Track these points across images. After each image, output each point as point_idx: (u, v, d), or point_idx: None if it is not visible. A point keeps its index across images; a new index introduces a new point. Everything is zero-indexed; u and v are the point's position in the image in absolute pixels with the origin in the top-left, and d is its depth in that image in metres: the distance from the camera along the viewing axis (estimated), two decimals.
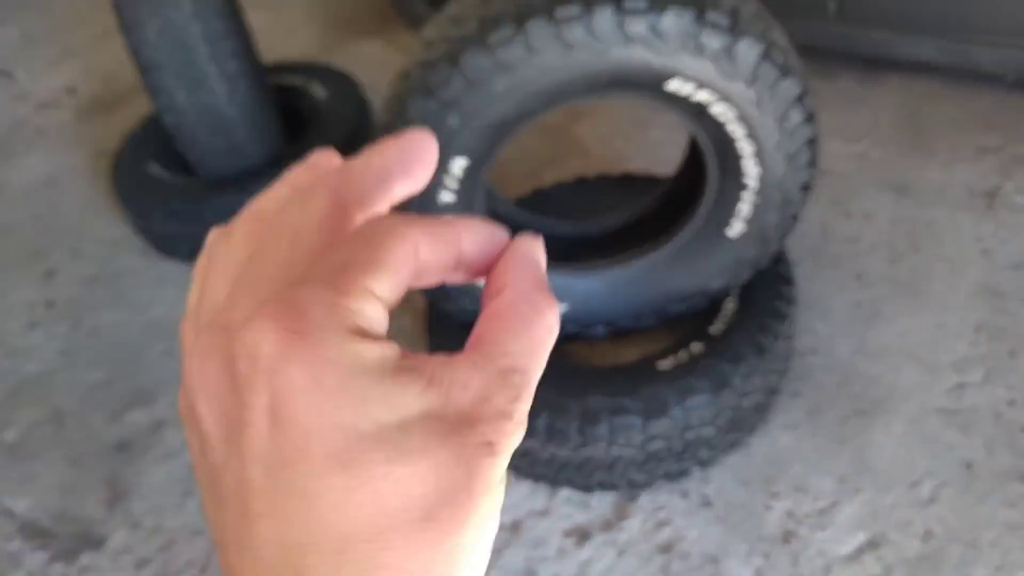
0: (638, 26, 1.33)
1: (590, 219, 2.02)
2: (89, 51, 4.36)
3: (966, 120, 2.59)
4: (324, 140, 2.65)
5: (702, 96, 1.44)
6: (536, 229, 1.71)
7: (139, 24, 2.10)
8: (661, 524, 1.75)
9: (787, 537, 1.68)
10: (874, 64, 2.81)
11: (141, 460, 2.06)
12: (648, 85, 1.43)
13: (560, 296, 1.84)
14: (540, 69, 1.38)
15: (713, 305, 1.86)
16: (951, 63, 2.34)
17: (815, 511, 1.71)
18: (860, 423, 1.85)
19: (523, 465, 1.81)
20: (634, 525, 1.76)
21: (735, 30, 1.36)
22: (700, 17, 1.34)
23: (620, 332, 1.94)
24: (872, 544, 1.64)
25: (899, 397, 1.88)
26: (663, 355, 1.78)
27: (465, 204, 1.62)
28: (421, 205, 1.58)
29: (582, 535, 1.76)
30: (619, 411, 1.65)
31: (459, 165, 1.53)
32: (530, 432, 1.68)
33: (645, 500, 1.80)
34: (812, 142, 1.54)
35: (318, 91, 2.87)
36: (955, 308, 2.05)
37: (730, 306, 1.84)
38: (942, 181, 2.40)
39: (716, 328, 1.79)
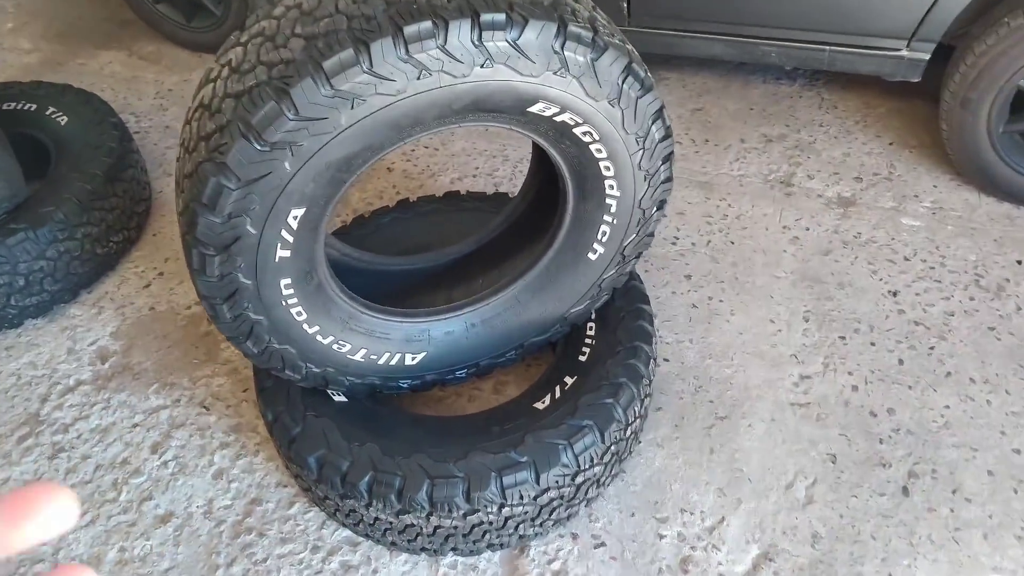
0: (499, 42, 1.16)
1: (430, 251, 1.82)
2: None
3: (747, 112, 2.73)
4: (78, 174, 2.18)
5: (565, 117, 1.30)
6: (377, 272, 1.47)
7: None
8: (557, 574, 1.62)
9: (684, 564, 1.63)
10: (649, 61, 2.89)
11: None
12: (509, 109, 1.27)
13: (414, 346, 1.63)
14: (389, 97, 1.16)
15: (573, 330, 1.76)
16: (739, 58, 2.44)
17: (705, 531, 1.68)
18: (724, 429, 1.85)
19: (401, 541, 1.59)
20: None
21: (597, 43, 1.23)
22: (563, 29, 1.19)
23: (482, 372, 1.78)
24: (766, 557, 1.63)
25: (753, 397, 1.91)
26: (537, 393, 1.64)
27: (305, 256, 1.35)
28: (260, 264, 1.29)
29: None
30: (508, 468, 1.48)
31: (294, 216, 1.26)
32: (410, 506, 1.47)
33: (535, 551, 1.65)
34: (669, 157, 1.47)
35: (59, 116, 2.36)
36: (781, 299, 2.13)
37: (591, 330, 1.74)
38: (740, 173, 2.51)
39: (584, 356, 1.68)
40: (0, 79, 3.10)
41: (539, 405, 1.61)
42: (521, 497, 1.50)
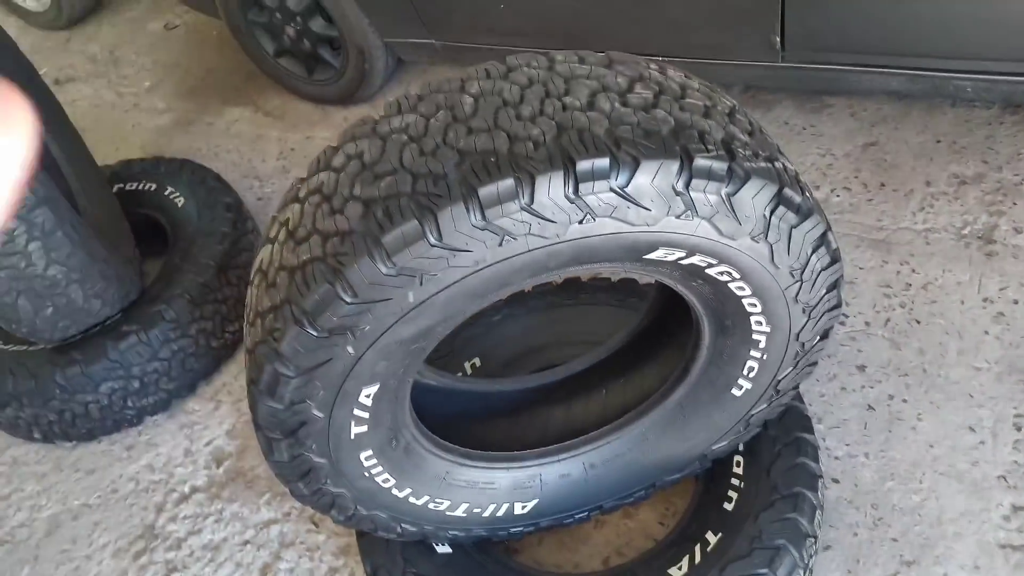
0: (601, 194, 0.89)
1: (538, 371, 1.59)
2: None
3: (933, 146, 2.26)
4: (190, 265, 2.13)
5: (695, 260, 1.02)
6: (476, 395, 1.24)
7: None
8: None
9: None
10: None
11: None
12: (622, 259, 1.00)
13: (528, 492, 1.40)
14: (465, 270, 0.93)
15: (715, 465, 1.47)
16: (924, 94, 2.00)
17: None
18: None
19: None
20: None
21: (735, 172, 0.94)
22: (687, 165, 0.91)
23: (607, 511, 1.52)
24: None
25: (950, 535, 1.53)
26: (673, 552, 1.37)
27: (386, 423, 1.15)
28: (333, 444, 1.11)
29: None
30: None
31: (367, 395, 1.07)
32: None
33: None
34: (836, 284, 1.14)
35: (176, 197, 2.33)
36: (984, 399, 1.71)
37: (739, 467, 1.44)
38: (925, 227, 2.07)
39: (731, 505, 1.39)
40: (136, 143, 3.20)
41: (674, 572, 1.33)
42: None
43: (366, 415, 1.10)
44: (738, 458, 1.45)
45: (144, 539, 1.90)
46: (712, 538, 1.36)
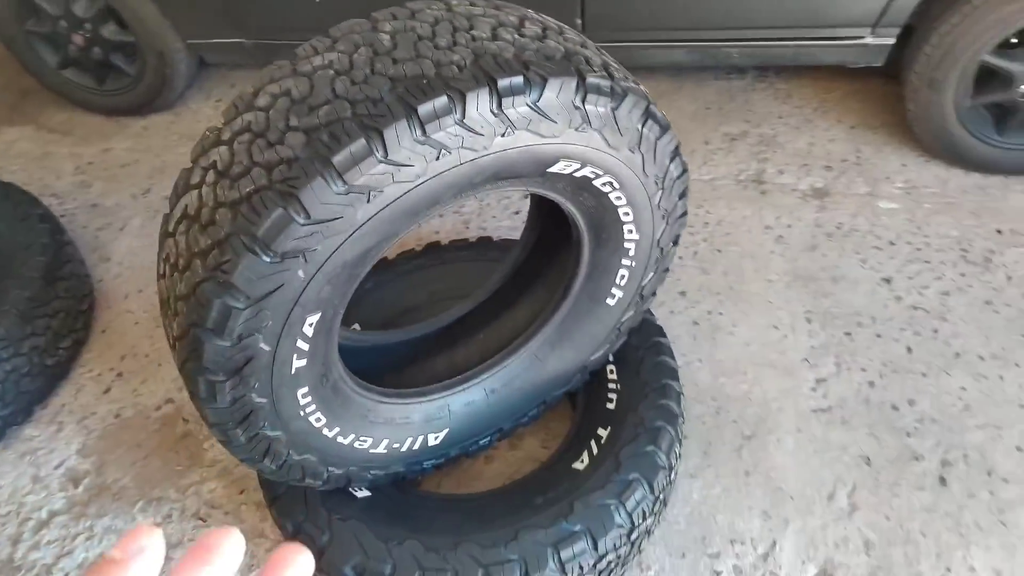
0: (519, 108, 1.05)
1: (432, 317, 1.70)
2: None
3: (704, 112, 2.70)
4: (12, 280, 1.96)
5: (586, 171, 1.21)
6: (380, 348, 1.35)
7: None
8: None
9: None
10: None
11: None
12: (530, 173, 1.17)
13: (436, 425, 1.51)
14: (407, 184, 1.04)
15: (593, 377, 1.68)
16: (700, 63, 2.39)
17: (759, 559, 1.62)
18: (753, 448, 1.80)
19: None
20: None
21: (615, 90, 1.14)
22: (582, 82, 1.10)
23: (505, 435, 1.67)
24: (825, 574, 1.59)
25: (774, 410, 1.87)
26: (572, 452, 1.55)
27: (321, 359, 1.21)
28: (276, 380, 1.15)
29: None
30: (563, 541, 1.38)
31: (310, 324, 1.13)
32: None
33: None
34: (685, 193, 1.40)
35: None
36: (780, 303, 2.10)
37: (613, 375, 1.66)
38: (710, 177, 2.47)
39: (613, 404, 1.60)
40: None
41: (578, 465, 1.52)
42: (581, 568, 1.41)
43: (307, 347, 1.16)
44: (610, 366, 1.67)
45: (4, 572, 1.72)
46: (603, 432, 1.55)
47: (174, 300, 1.12)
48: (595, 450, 1.53)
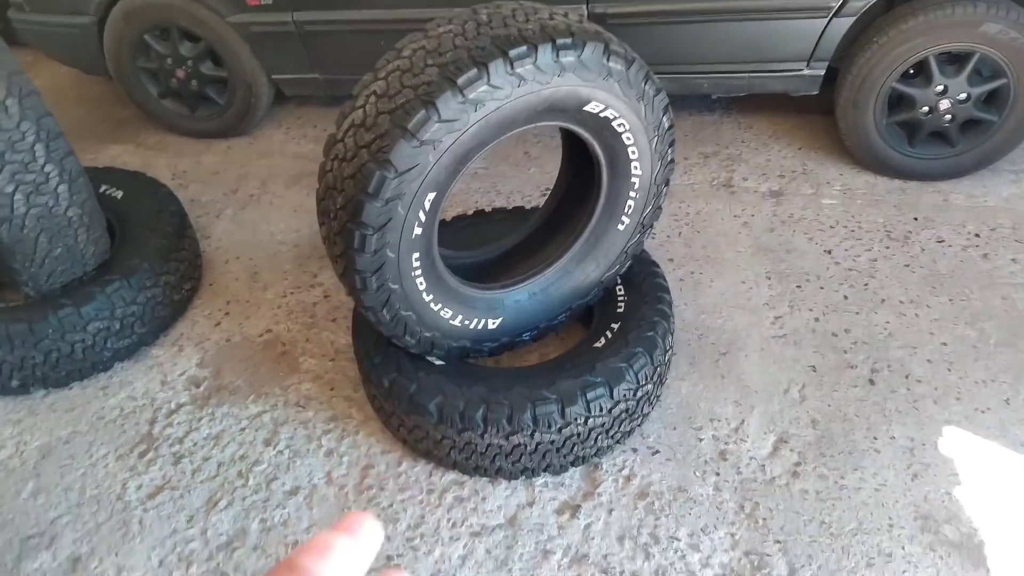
0: (568, 58, 1.67)
1: (484, 246, 2.28)
2: None
3: (683, 138, 3.37)
4: (152, 233, 2.52)
5: (608, 112, 1.82)
6: (458, 265, 1.93)
7: None
8: (628, 478, 2.04)
9: (723, 455, 2.08)
10: None
11: None
12: (573, 109, 1.77)
13: (495, 313, 2.06)
14: (499, 102, 1.64)
15: (606, 294, 2.24)
16: (679, 92, 3.07)
17: (732, 431, 2.14)
18: (727, 361, 2.35)
19: (507, 465, 1.97)
20: (608, 487, 2.02)
21: (628, 57, 1.77)
22: (607, 48, 1.72)
23: (540, 335, 2.22)
24: (781, 440, 2.11)
25: (743, 336, 2.43)
26: (592, 339, 2.10)
27: (427, 235, 1.78)
28: (403, 241, 1.71)
29: (572, 509, 1.97)
30: (589, 387, 1.91)
31: (428, 199, 1.71)
32: (518, 427, 1.87)
33: (606, 464, 2.07)
34: (672, 143, 2.01)
35: (114, 191, 2.69)
36: (746, 266, 2.69)
37: (621, 291, 2.23)
38: (690, 182, 3.11)
39: (622, 308, 2.16)
40: None
41: (597, 344, 2.06)
42: (600, 409, 1.93)
43: (423, 218, 1.73)
44: (619, 286, 2.24)
45: (144, 443, 2.21)
46: (615, 325, 2.11)
47: (341, 181, 1.70)
48: (609, 336, 2.08)
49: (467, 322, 2.01)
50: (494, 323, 2.07)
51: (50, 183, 2.03)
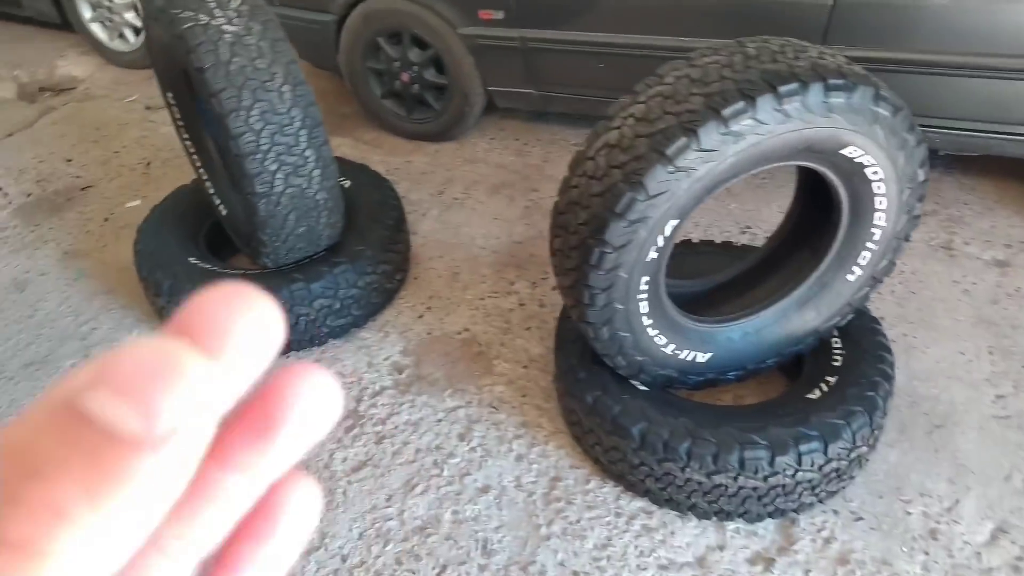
0: (838, 99, 1.63)
1: (695, 278, 2.26)
2: None
3: None
4: (376, 224, 2.67)
5: (865, 159, 1.76)
6: (672, 289, 1.89)
7: (241, 110, 2.07)
8: (828, 540, 1.94)
9: (933, 534, 1.95)
10: None
11: None
12: (829, 151, 1.73)
13: (706, 347, 2.04)
14: (760, 137, 1.63)
15: (821, 344, 2.16)
16: None
17: (944, 510, 2.00)
18: (942, 435, 2.20)
19: (702, 503, 1.93)
20: (806, 545, 1.93)
21: (896, 104, 1.70)
22: (877, 93, 1.66)
23: (745, 376, 2.17)
24: (1001, 530, 1.94)
25: (960, 411, 2.26)
26: (804, 389, 2.02)
27: (660, 260, 1.79)
28: (637, 262, 1.73)
29: (766, 562, 1.91)
30: (803, 439, 1.84)
31: (671, 225, 1.71)
32: (723, 467, 1.83)
33: (804, 522, 1.98)
34: (923, 197, 1.91)
35: (343, 180, 2.89)
36: (966, 337, 2.51)
37: (837, 343, 2.14)
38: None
39: (839, 362, 2.07)
40: None
41: (811, 396, 1.99)
42: (812, 464, 1.85)
43: (661, 243, 1.74)
44: (835, 338, 2.15)
45: (351, 419, 2.34)
46: (831, 379, 2.02)
47: (587, 197, 1.74)
48: (825, 389, 2.00)
49: (678, 352, 2.00)
50: (703, 358, 2.04)
51: (307, 166, 2.21)
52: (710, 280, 2.24)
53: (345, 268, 2.48)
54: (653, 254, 1.76)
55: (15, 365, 2.57)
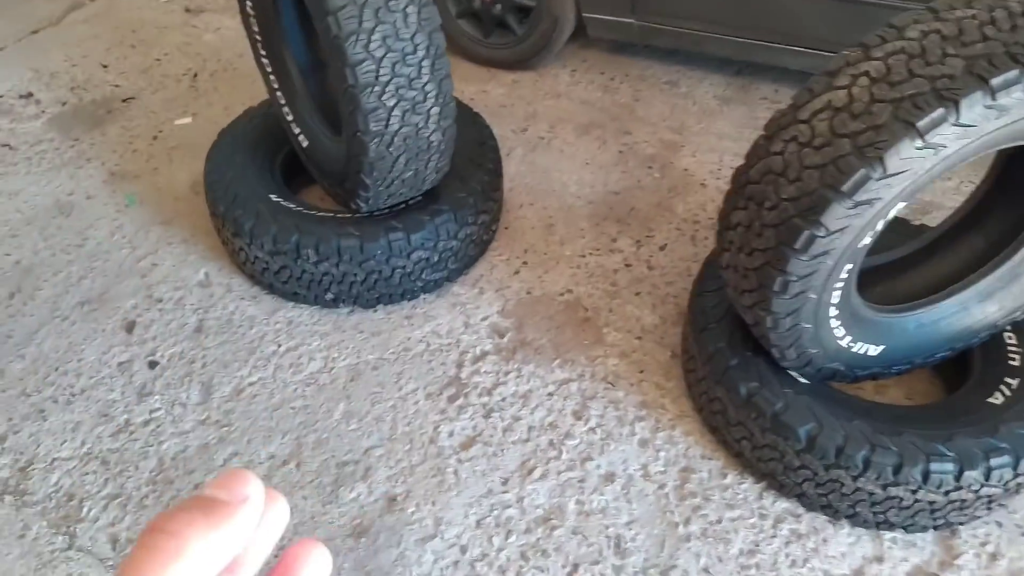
0: None
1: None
2: (22, 49, 3.57)
3: None
4: (476, 168, 2.39)
5: None
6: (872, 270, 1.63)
7: (362, 32, 1.76)
8: (994, 556, 1.77)
9: None
10: None
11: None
12: None
13: (879, 339, 1.81)
14: (965, 140, 1.36)
15: (992, 339, 1.94)
16: None
17: None
18: None
19: (868, 514, 1.75)
20: (969, 560, 1.76)
21: None
22: None
23: (911, 370, 1.95)
24: None
25: None
26: (981, 391, 1.82)
27: (865, 249, 1.54)
28: (851, 245, 1.48)
29: None
30: (993, 452, 1.65)
31: (895, 208, 1.46)
32: (904, 480, 1.64)
33: (965, 534, 1.81)
34: None
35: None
36: None
37: (1011, 339, 1.92)
38: None
39: (1016, 362, 1.86)
40: None
41: (993, 400, 1.78)
42: (1000, 479, 1.66)
43: (879, 228, 1.48)
44: (1008, 334, 1.93)
45: (453, 387, 2.12)
46: (1012, 381, 1.81)
47: (799, 169, 1.47)
48: (1008, 393, 1.79)
49: (852, 345, 1.77)
50: (876, 351, 1.82)
51: (426, 103, 1.91)
52: (880, 258, 1.99)
53: (447, 219, 2.21)
54: (867, 240, 1.51)
55: (69, 303, 2.30)
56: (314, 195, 2.68)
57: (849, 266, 1.56)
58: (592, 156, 2.96)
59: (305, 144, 2.35)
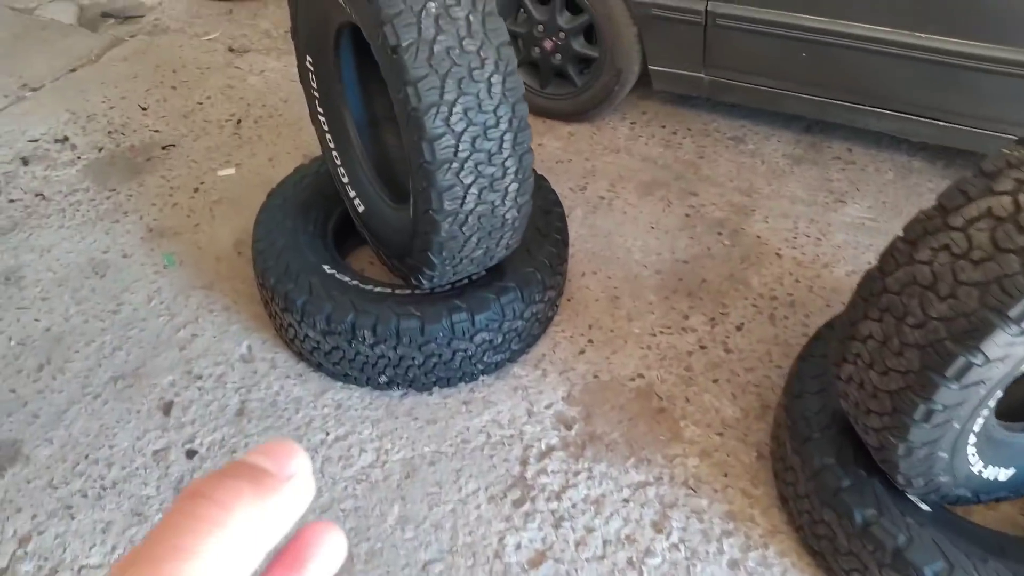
0: None
1: None
2: (59, 89, 3.45)
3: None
4: (543, 239, 2.20)
5: None
6: None
7: (443, 105, 1.58)
8: None
9: None
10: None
11: None
12: None
13: (1011, 461, 1.59)
14: None
15: None
16: None
17: None
18: None
19: None
20: None
21: None
22: None
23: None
24: None
25: None
26: None
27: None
28: (1002, 377, 1.27)
29: None
30: None
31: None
32: None
33: None
34: None
35: None
36: None
37: None
38: None
39: None
40: None
41: None
42: None
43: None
44: None
45: (518, 488, 1.91)
46: None
47: (953, 285, 1.27)
48: None
49: (983, 471, 1.55)
50: (1006, 475, 1.60)
51: (505, 179, 1.73)
52: None
53: (513, 297, 2.02)
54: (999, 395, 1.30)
55: (102, 378, 2.13)
56: (364, 256, 2.51)
57: (999, 394, 1.35)
58: (657, 219, 2.77)
59: (361, 209, 2.17)
